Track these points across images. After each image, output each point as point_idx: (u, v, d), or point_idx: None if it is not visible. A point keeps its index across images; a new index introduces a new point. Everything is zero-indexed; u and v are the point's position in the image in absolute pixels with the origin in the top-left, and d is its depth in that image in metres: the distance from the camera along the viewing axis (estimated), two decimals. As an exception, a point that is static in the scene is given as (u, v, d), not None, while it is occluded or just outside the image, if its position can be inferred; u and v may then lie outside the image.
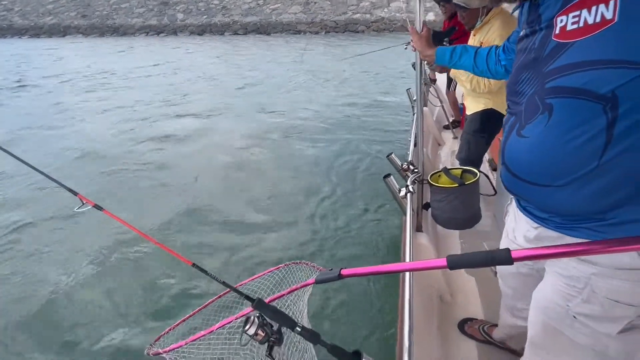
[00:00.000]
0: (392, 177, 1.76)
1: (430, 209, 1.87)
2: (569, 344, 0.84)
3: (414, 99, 3.16)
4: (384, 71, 11.04)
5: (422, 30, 1.48)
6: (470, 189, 1.68)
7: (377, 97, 8.41)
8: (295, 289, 0.84)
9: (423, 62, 1.72)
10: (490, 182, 1.82)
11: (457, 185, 1.68)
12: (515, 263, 0.57)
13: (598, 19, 0.59)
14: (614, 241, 0.51)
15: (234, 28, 24.77)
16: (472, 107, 2.22)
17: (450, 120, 3.80)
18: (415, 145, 1.97)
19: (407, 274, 1.13)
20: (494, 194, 1.81)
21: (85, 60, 15.67)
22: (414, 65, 4.07)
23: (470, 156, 2.19)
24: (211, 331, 0.84)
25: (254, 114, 7.36)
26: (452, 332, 1.56)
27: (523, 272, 1.04)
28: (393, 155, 1.92)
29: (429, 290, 1.65)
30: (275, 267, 1.05)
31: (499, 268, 1.25)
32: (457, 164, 2.47)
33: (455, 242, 2.09)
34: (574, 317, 0.80)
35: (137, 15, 27.22)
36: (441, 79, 4.09)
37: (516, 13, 0.89)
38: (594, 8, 0.59)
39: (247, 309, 0.79)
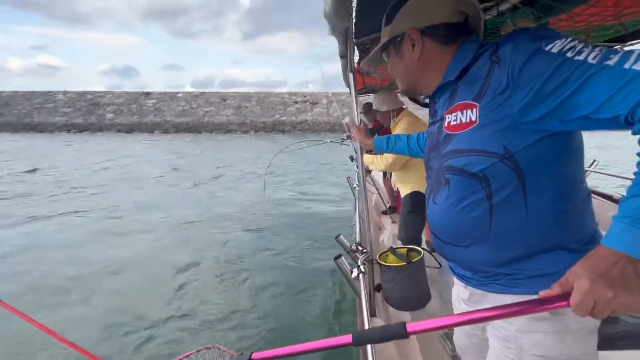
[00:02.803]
0: (342, 257, 1.70)
1: (382, 291, 1.80)
2: None
3: (354, 186, 3.33)
4: (315, 163, 11.80)
5: (360, 125, 1.64)
6: (417, 266, 1.69)
7: (314, 186, 8.71)
8: None
9: (363, 151, 1.83)
10: (434, 257, 1.86)
11: (405, 263, 1.68)
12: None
13: (467, 120, 0.76)
14: (509, 306, 0.58)
15: (164, 127, 24.90)
16: (403, 190, 2.41)
17: (387, 206, 4.01)
18: (360, 227, 1.97)
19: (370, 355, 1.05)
20: (439, 267, 1.84)
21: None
22: (351, 158, 4.40)
23: (410, 235, 2.28)
24: None
25: (194, 207, 6.98)
26: None
27: (475, 342, 1.02)
28: (342, 236, 1.89)
29: None
30: (187, 354, 1.03)
31: (457, 348, 1.18)
32: (400, 244, 2.54)
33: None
34: None
35: (62, 115, 26.00)
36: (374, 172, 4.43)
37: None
38: (465, 112, 0.77)
39: None
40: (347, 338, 0.63)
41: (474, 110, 0.75)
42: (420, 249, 1.77)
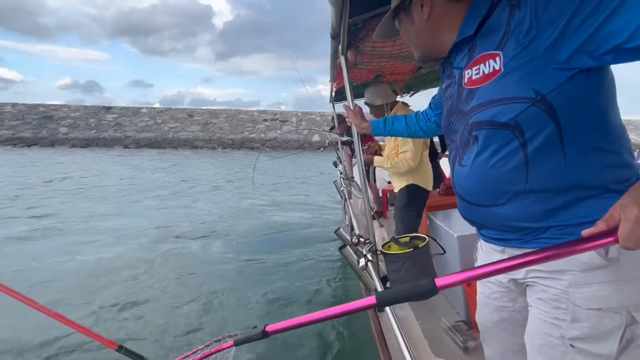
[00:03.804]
0: (348, 247, 1.60)
1: (388, 283, 1.71)
2: None
3: (341, 189, 3.25)
4: (288, 177, 11.71)
5: (354, 109, 1.59)
6: (424, 251, 1.63)
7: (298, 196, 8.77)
8: (209, 354, 0.78)
9: (359, 136, 1.75)
10: (438, 243, 1.81)
11: (411, 249, 1.61)
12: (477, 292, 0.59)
13: (491, 70, 0.74)
14: (548, 249, 0.55)
15: (125, 142, 23.58)
16: (397, 184, 2.36)
17: (374, 211, 3.95)
18: (356, 223, 1.90)
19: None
20: (444, 253, 1.79)
21: None
22: (334, 163, 4.35)
23: (408, 229, 2.22)
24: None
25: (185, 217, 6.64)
26: None
27: (504, 316, 0.95)
28: (341, 229, 1.79)
29: None
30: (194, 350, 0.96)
31: (481, 328, 1.10)
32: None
33: (412, 319, 1.91)
34: (572, 345, 0.72)
35: (8, 127, 23.82)
36: (358, 176, 4.36)
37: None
38: (487, 63, 0.75)
39: None
40: (371, 300, 0.59)
41: (497, 59, 0.73)
42: (424, 235, 1.72)
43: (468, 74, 0.81)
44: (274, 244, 5.25)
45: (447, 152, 4.37)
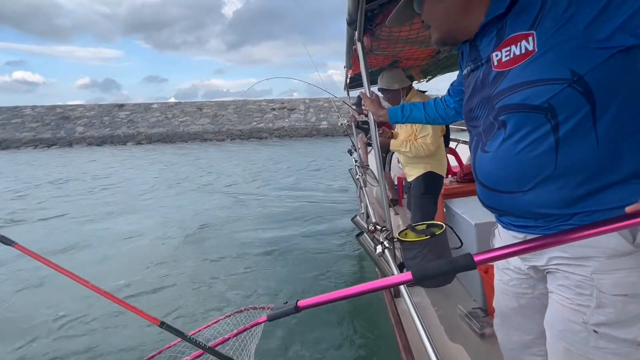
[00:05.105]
0: (365, 234, 1.59)
1: (404, 270, 1.70)
2: None
3: (357, 177, 3.24)
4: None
5: (371, 96, 1.54)
6: (441, 239, 1.60)
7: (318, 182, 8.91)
8: (244, 330, 0.80)
9: (375, 124, 1.71)
10: (455, 234, 1.78)
11: (428, 237, 1.59)
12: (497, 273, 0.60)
13: (523, 51, 0.71)
14: (579, 228, 0.53)
15: (137, 139, 23.90)
16: (414, 172, 2.30)
17: (389, 199, 3.91)
18: (373, 211, 1.88)
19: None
20: (461, 246, 1.77)
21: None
22: (349, 151, 4.33)
23: (425, 218, 2.18)
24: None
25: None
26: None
27: (523, 303, 0.94)
28: (358, 217, 1.78)
29: None
30: (229, 314, 0.99)
31: (497, 314, 1.09)
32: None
33: (428, 305, 1.91)
34: (595, 331, 0.71)
35: (29, 130, 24.38)
36: (373, 164, 4.34)
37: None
38: (519, 43, 0.72)
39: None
40: (406, 275, 0.57)
41: (530, 39, 0.69)
42: (441, 223, 1.69)
43: (497, 56, 0.77)
44: (293, 227, 5.49)
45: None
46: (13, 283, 3.90)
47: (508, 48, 0.74)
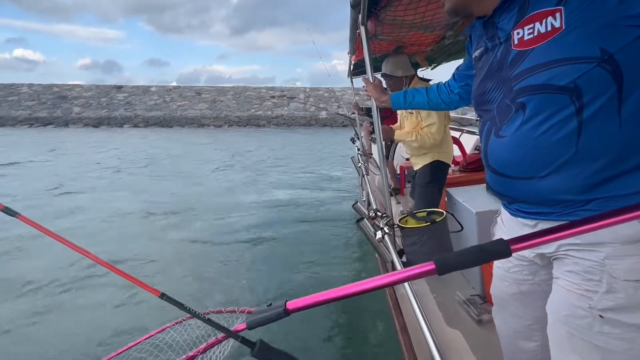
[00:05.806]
0: (365, 220, 1.57)
1: (404, 256, 1.68)
2: (604, 356, 0.70)
3: (358, 165, 3.19)
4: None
5: (374, 81, 1.51)
6: (441, 226, 1.59)
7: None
8: (213, 344, 0.63)
9: (378, 110, 1.68)
10: (455, 219, 1.76)
11: (428, 223, 1.57)
12: (513, 256, 0.52)
13: (549, 28, 0.67)
14: (620, 210, 0.47)
15: (134, 121, 23.56)
16: (420, 161, 2.26)
17: (391, 188, 3.89)
18: (373, 198, 1.86)
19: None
20: (461, 229, 1.75)
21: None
22: (352, 140, 4.28)
23: (428, 206, 2.15)
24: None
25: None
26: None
27: (523, 289, 0.92)
28: (359, 204, 1.75)
29: None
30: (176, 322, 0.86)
31: (496, 300, 1.07)
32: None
33: (427, 292, 1.90)
34: (600, 316, 0.69)
35: (25, 108, 23.92)
36: (376, 153, 4.28)
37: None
38: (544, 20, 0.68)
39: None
40: (429, 265, 0.50)
41: (557, 15, 0.66)
42: (441, 210, 1.67)
43: (518, 34, 0.73)
44: (291, 217, 5.46)
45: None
46: (17, 254, 4.10)
47: (531, 25, 0.70)
